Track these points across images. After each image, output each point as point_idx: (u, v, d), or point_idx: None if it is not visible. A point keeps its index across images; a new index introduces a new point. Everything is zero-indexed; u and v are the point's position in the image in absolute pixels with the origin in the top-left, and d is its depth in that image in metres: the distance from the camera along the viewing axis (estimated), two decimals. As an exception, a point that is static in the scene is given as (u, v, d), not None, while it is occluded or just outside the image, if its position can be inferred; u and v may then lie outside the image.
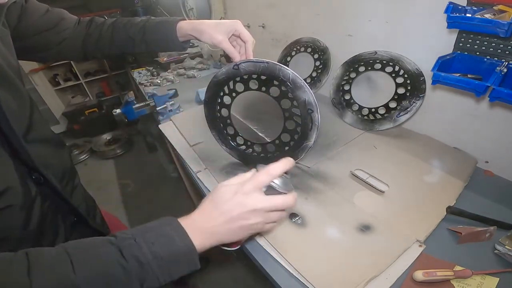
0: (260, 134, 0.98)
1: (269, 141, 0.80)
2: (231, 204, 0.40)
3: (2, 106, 0.43)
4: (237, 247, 0.49)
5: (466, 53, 0.71)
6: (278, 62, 0.72)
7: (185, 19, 0.67)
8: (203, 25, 0.64)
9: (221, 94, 0.75)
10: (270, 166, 0.42)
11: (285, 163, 0.43)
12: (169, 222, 0.39)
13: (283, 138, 0.75)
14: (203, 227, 0.40)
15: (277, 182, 0.43)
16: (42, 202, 0.51)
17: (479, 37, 0.68)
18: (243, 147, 0.83)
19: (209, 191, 0.79)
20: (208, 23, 0.64)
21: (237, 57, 0.66)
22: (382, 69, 0.92)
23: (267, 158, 0.80)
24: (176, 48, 0.69)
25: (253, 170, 0.46)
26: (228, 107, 0.77)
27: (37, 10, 0.60)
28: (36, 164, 0.48)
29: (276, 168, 0.42)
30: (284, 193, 0.43)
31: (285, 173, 0.44)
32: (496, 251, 0.56)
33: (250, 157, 0.83)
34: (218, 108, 0.78)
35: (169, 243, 0.37)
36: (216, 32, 0.62)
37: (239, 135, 0.82)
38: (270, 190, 0.42)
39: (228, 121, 0.80)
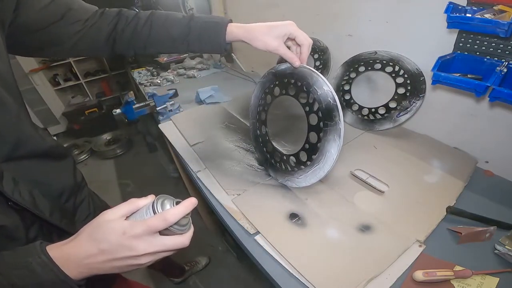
0: (282, 141, 0.94)
1: (285, 153, 0.76)
2: (116, 246, 0.36)
3: None
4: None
5: (466, 53, 0.71)
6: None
7: (231, 21, 0.60)
8: (254, 31, 0.58)
9: (274, 84, 0.72)
10: (169, 211, 0.37)
11: (186, 207, 0.39)
12: (34, 253, 0.36)
13: (301, 157, 0.70)
14: (80, 262, 0.36)
15: (174, 225, 0.38)
16: (26, 228, 0.47)
17: (479, 37, 0.68)
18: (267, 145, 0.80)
19: (209, 191, 0.79)
20: (260, 28, 0.58)
21: (296, 62, 0.60)
22: (382, 69, 0.92)
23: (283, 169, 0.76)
24: (219, 51, 0.62)
25: (151, 197, 0.41)
26: (274, 98, 0.74)
27: (38, 2, 0.52)
28: (5, 188, 0.42)
29: (174, 215, 0.37)
30: (180, 234, 0.39)
31: None
32: (496, 251, 0.56)
33: (267, 159, 0.80)
34: (264, 96, 0.75)
35: (31, 276, 0.35)
36: (270, 37, 0.57)
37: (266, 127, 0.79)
38: (165, 230, 0.38)
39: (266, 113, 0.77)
